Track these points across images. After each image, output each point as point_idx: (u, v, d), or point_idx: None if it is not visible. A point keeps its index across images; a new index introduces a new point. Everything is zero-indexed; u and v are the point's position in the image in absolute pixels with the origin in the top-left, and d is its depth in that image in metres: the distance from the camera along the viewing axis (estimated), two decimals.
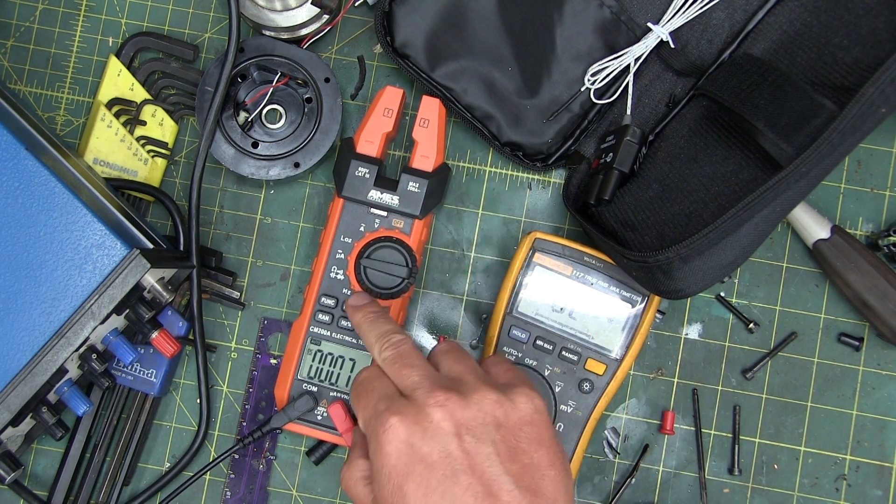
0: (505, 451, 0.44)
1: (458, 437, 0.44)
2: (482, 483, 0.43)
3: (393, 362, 0.48)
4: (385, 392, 0.47)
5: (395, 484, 0.44)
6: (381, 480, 0.45)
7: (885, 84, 0.48)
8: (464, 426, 0.44)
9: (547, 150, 0.60)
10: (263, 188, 0.62)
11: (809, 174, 0.49)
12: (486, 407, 0.45)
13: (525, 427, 0.46)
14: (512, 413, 0.46)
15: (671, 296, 0.52)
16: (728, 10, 0.58)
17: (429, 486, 0.43)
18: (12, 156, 0.50)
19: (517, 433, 0.45)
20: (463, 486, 0.43)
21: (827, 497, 0.59)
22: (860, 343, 0.60)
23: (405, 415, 0.45)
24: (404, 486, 0.43)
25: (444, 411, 0.44)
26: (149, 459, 0.61)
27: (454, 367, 0.48)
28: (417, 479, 0.43)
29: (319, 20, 0.60)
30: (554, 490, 0.44)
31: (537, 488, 0.44)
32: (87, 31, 0.63)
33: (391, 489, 0.44)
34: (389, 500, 0.44)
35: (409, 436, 0.44)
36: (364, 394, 0.48)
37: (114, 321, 0.53)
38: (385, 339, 0.50)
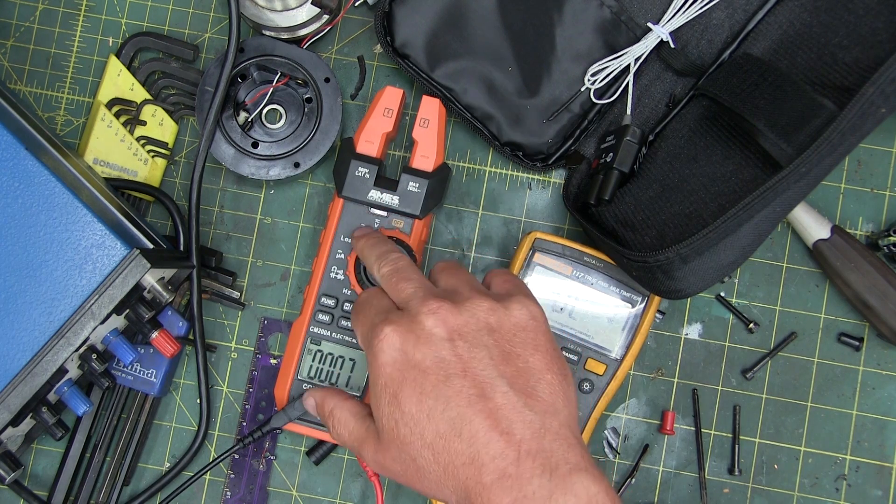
0: (499, 355, 0.44)
1: (451, 343, 0.44)
2: (475, 385, 0.43)
3: (390, 277, 0.49)
4: (382, 307, 0.47)
5: (391, 393, 0.44)
6: (378, 392, 0.45)
7: (885, 84, 0.48)
8: (456, 332, 0.44)
9: (547, 150, 0.60)
10: (263, 188, 0.62)
11: (809, 174, 0.49)
12: (480, 314, 0.45)
13: (520, 332, 0.45)
14: (506, 319, 0.45)
15: (671, 296, 0.52)
16: (728, 10, 0.58)
17: (423, 390, 0.43)
18: (12, 156, 0.50)
19: (511, 338, 0.45)
20: (455, 389, 0.43)
21: (827, 497, 0.59)
22: (860, 343, 0.60)
23: (399, 324, 0.45)
24: (399, 393, 0.44)
25: (436, 318, 0.44)
26: (149, 459, 0.61)
27: (450, 280, 0.48)
28: (411, 385, 0.43)
29: (319, 20, 0.60)
30: (551, 393, 0.44)
31: (532, 391, 0.43)
32: (87, 31, 0.63)
33: (387, 399, 0.44)
34: (386, 411, 0.44)
35: (402, 343, 0.44)
36: (362, 311, 0.48)
37: (114, 321, 0.53)
38: (384, 257, 0.50)
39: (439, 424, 0.42)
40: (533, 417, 0.42)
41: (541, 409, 0.43)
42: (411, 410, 0.43)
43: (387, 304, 0.48)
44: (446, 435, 0.42)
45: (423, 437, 0.43)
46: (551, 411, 0.43)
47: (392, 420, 0.44)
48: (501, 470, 0.41)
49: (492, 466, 0.41)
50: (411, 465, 0.44)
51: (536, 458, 0.41)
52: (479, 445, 0.41)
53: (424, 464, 0.43)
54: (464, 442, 0.42)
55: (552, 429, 0.42)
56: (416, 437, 0.43)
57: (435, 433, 0.43)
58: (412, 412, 0.43)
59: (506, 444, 0.41)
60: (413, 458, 0.44)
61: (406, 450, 0.44)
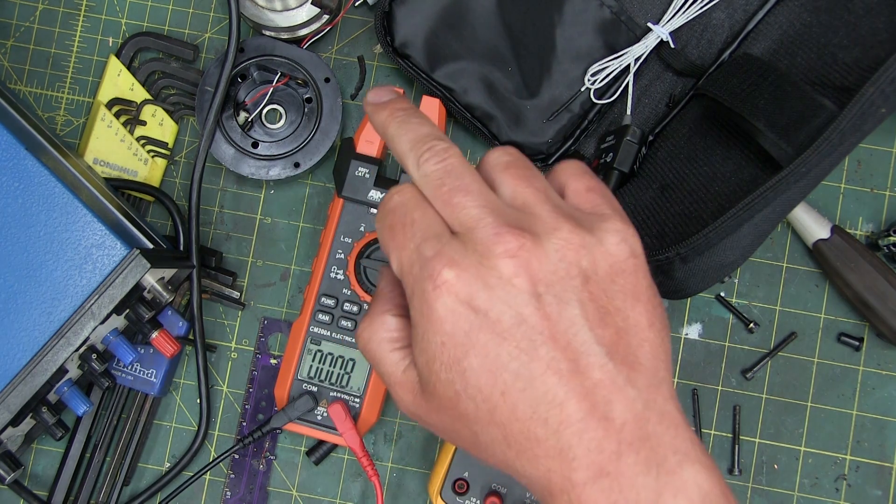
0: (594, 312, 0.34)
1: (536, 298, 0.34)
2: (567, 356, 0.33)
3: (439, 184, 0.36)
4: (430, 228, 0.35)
5: (452, 357, 0.34)
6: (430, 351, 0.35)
7: (885, 84, 0.48)
8: (542, 282, 0.34)
9: (547, 150, 0.60)
10: (263, 188, 0.62)
11: (809, 174, 0.49)
12: (570, 254, 0.34)
13: (618, 277, 0.35)
14: (602, 259, 0.35)
15: (671, 296, 0.52)
16: (728, 10, 0.58)
17: (498, 361, 0.33)
18: (12, 156, 0.50)
19: (609, 287, 0.35)
20: (543, 362, 0.33)
21: (827, 497, 0.59)
22: (860, 343, 0.60)
23: (463, 266, 0.34)
24: (464, 360, 0.34)
25: (516, 263, 0.33)
26: (149, 459, 0.61)
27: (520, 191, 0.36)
28: (482, 353, 0.34)
29: (319, 20, 0.60)
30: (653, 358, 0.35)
31: (635, 359, 0.34)
32: (87, 31, 0.63)
33: (445, 362, 0.34)
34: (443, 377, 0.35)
35: (470, 295, 0.33)
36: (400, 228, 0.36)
37: (114, 321, 0.52)
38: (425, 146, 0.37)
39: (518, 405, 0.33)
40: (636, 395, 0.34)
41: (644, 382, 0.34)
42: (479, 384, 0.34)
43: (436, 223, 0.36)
44: (526, 419, 0.33)
45: (493, 416, 0.34)
46: (654, 383, 0.35)
47: (451, 390, 0.35)
48: (598, 466, 0.33)
49: (586, 461, 0.33)
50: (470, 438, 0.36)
51: (641, 449, 0.33)
52: (571, 435, 0.33)
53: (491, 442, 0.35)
54: (549, 429, 0.33)
55: (657, 407, 0.34)
56: (482, 414, 0.34)
57: (511, 414, 0.34)
58: (480, 386, 0.34)
59: (604, 434, 0.33)
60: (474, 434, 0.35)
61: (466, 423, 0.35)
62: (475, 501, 0.55)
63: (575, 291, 0.34)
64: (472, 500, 0.55)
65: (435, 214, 0.36)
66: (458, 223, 0.35)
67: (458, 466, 0.55)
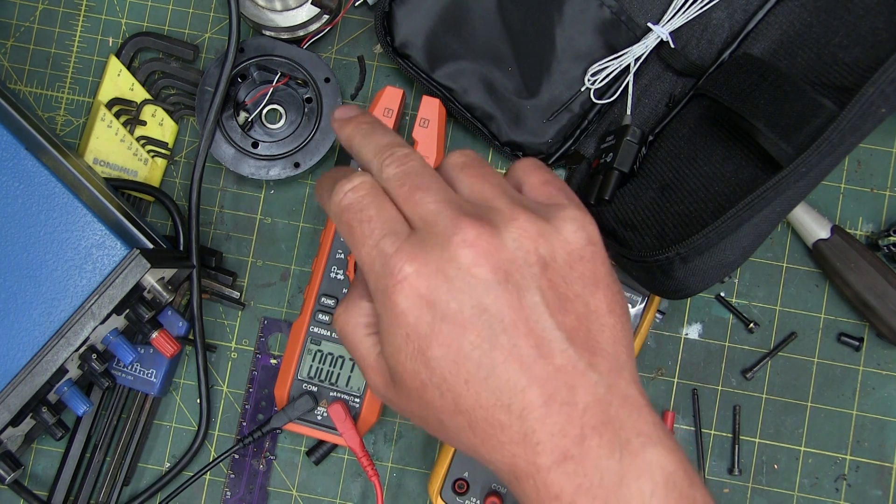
0: (554, 299, 0.35)
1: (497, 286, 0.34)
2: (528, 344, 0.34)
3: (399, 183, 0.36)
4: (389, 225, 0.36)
5: (416, 347, 0.35)
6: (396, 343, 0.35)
7: (885, 84, 0.48)
8: (502, 270, 0.34)
9: (547, 150, 0.60)
10: (263, 188, 0.62)
11: (809, 174, 0.49)
12: (528, 243, 0.35)
13: (577, 265, 0.36)
14: (560, 247, 0.36)
15: (671, 296, 0.52)
16: (728, 10, 0.58)
17: (460, 351, 0.34)
18: (12, 156, 0.50)
19: (568, 273, 0.36)
20: (505, 350, 0.34)
21: (827, 497, 0.59)
22: (860, 343, 0.60)
23: (423, 261, 0.34)
24: (427, 351, 0.34)
25: (475, 252, 0.34)
26: (149, 459, 0.61)
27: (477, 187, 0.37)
28: (445, 342, 0.34)
29: (319, 20, 0.60)
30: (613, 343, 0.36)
31: (596, 344, 0.35)
32: (87, 31, 0.63)
33: (410, 353, 0.35)
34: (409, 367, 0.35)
35: (430, 288, 0.34)
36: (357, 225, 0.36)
37: (114, 321, 0.52)
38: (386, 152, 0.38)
39: (481, 393, 0.34)
40: (597, 379, 0.34)
41: (605, 366, 0.35)
42: (443, 373, 0.34)
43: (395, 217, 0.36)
44: (489, 406, 0.34)
45: (457, 404, 0.35)
46: (616, 367, 0.35)
47: (417, 380, 0.35)
48: (562, 450, 0.33)
49: (550, 445, 0.33)
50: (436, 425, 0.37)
51: (604, 433, 0.34)
52: (533, 420, 0.34)
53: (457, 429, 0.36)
54: (513, 415, 0.34)
55: (619, 391, 0.35)
56: (447, 402, 0.35)
57: (475, 402, 0.34)
58: (445, 376, 0.34)
59: (567, 419, 0.34)
60: (440, 421, 0.36)
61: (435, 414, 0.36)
62: (475, 501, 0.55)
63: (534, 279, 0.35)
64: (472, 500, 0.55)
65: (392, 209, 0.37)
66: (419, 218, 0.36)
67: (458, 466, 0.55)
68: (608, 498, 0.33)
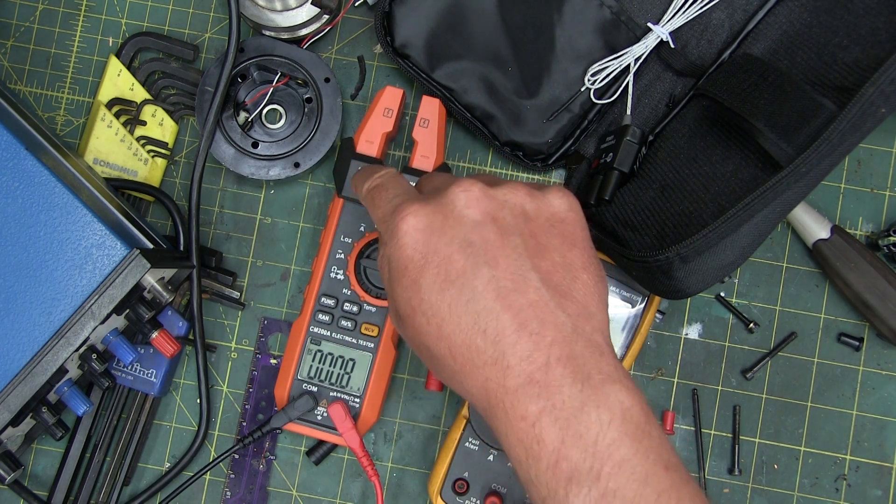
0: (534, 246, 0.40)
1: (483, 226, 0.39)
2: (506, 277, 0.38)
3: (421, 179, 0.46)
4: (404, 190, 0.43)
5: (411, 278, 0.39)
6: (395, 275, 0.40)
7: (885, 84, 0.48)
8: (490, 215, 0.40)
9: (547, 150, 0.60)
10: (263, 188, 0.62)
11: (809, 174, 0.49)
12: (516, 198, 0.41)
13: (558, 224, 0.41)
14: (543, 207, 0.41)
15: (671, 296, 0.52)
16: (728, 10, 0.58)
17: (447, 277, 0.39)
18: (12, 156, 0.50)
19: (549, 229, 0.41)
20: (484, 280, 0.38)
21: (827, 497, 0.59)
22: (860, 343, 0.60)
23: (425, 203, 0.40)
24: (420, 278, 0.39)
25: (468, 196, 0.40)
26: (149, 459, 0.61)
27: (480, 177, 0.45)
28: (434, 270, 0.39)
29: (319, 20, 0.60)
30: (584, 294, 0.40)
31: (567, 290, 0.39)
32: (87, 31, 0.63)
33: (406, 283, 0.40)
34: (403, 296, 0.40)
35: (428, 222, 0.40)
36: (379, 192, 0.44)
37: (114, 321, 0.53)
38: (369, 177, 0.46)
39: (462, 317, 0.38)
40: (565, 320, 0.38)
41: (574, 310, 0.39)
42: (431, 299, 0.39)
43: (409, 188, 0.43)
44: (468, 329, 0.38)
45: (440, 328, 0.39)
46: (584, 314, 0.39)
47: (409, 307, 0.40)
48: (529, 374, 0.37)
49: (518, 370, 0.37)
50: (426, 353, 0.41)
51: (568, 364, 0.37)
52: (506, 345, 0.37)
53: (440, 356, 0.39)
54: (488, 339, 0.38)
55: (584, 333, 0.38)
56: (433, 327, 0.39)
57: (455, 326, 0.38)
58: (432, 301, 0.39)
59: (534, 347, 0.37)
60: (428, 348, 0.40)
61: (422, 338, 0.40)
62: (475, 501, 0.55)
63: (517, 226, 0.40)
64: (472, 500, 0.55)
65: (408, 185, 0.44)
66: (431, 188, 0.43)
67: (458, 466, 0.55)
68: (569, 421, 0.36)
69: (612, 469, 0.36)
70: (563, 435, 0.36)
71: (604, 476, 0.36)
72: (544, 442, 0.37)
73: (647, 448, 0.37)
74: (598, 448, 0.36)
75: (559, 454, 0.36)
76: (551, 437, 0.36)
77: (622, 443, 0.36)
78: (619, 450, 0.36)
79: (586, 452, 0.36)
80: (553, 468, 0.36)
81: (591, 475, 0.36)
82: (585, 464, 0.36)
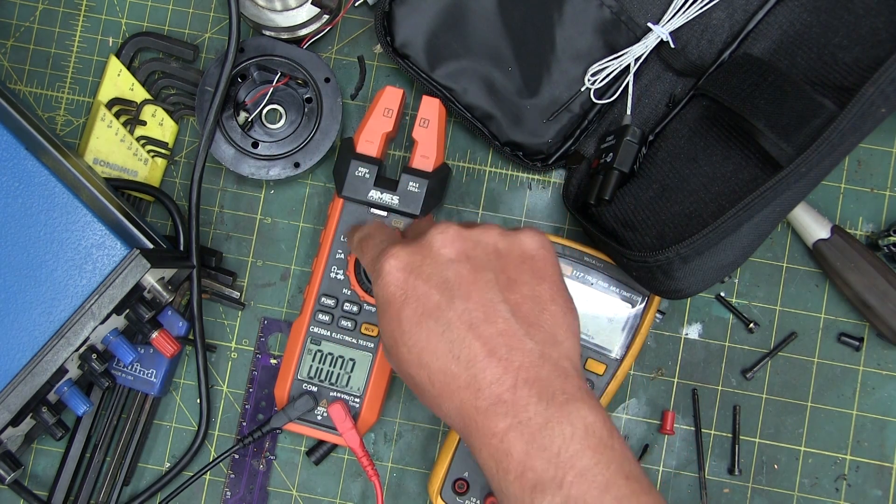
0: (505, 280, 0.44)
1: (458, 263, 0.43)
2: (478, 309, 0.42)
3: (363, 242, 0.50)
4: (390, 236, 0.48)
5: (393, 312, 0.43)
6: (381, 309, 0.44)
7: (885, 84, 0.48)
8: (464, 253, 0.44)
9: (547, 150, 0.60)
10: (263, 188, 0.62)
11: (809, 174, 0.49)
12: (489, 238, 0.45)
13: (528, 260, 0.45)
14: (515, 246, 0.45)
15: (671, 296, 0.52)
16: (728, 10, 0.58)
17: (424, 311, 0.43)
18: (12, 156, 0.50)
19: (519, 265, 0.45)
20: (458, 312, 0.42)
21: (827, 497, 0.59)
22: (860, 343, 0.60)
23: (405, 245, 0.45)
24: (401, 313, 0.43)
25: (444, 237, 0.44)
26: (149, 459, 0.61)
27: None
28: (413, 305, 0.43)
29: (319, 20, 0.60)
30: (553, 324, 0.43)
31: (535, 320, 0.43)
32: (87, 31, 0.63)
33: (390, 317, 0.44)
34: (388, 328, 0.44)
35: (409, 262, 0.44)
36: (368, 240, 0.49)
37: (114, 321, 0.53)
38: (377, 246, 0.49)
39: (438, 346, 0.42)
40: (533, 346, 0.42)
41: (541, 338, 0.42)
42: (411, 331, 0.43)
43: (395, 235, 0.49)
44: (444, 357, 0.42)
45: (420, 358, 0.42)
46: (552, 342, 0.43)
47: (392, 338, 0.44)
48: (497, 395, 0.40)
49: (488, 392, 0.41)
50: (410, 381, 0.44)
51: (533, 386, 0.40)
52: (477, 370, 0.41)
53: (421, 383, 0.43)
54: (461, 365, 0.41)
55: (551, 359, 0.42)
56: (413, 356, 0.43)
57: (433, 355, 0.42)
58: (411, 332, 0.43)
59: (503, 371, 0.41)
60: (411, 376, 0.43)
61: (404, 366, 0.44)
62: (475, 501, 0.55)
63: (490, 263, 0.44)
64: (472, 500, 0.55)
65: (392, 232, 0.50)
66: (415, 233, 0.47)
67: (458, 466, 0.55)
68: (534, 435, 0.39)
69: (574, 478, 0.38)
70: (529, 448, 0.39)
71: (566, 484, 0.38)
72: (511, 455, 0.40)
73: (609, 459, 0.39)
74: (560, 459, 0.39)
75: (525, 465, 0.39)
76: (518, 449, 0.39)
77: (584, 454, 0.39)
78: (580, 460, 0.39)
79: (550, 463, 0.39)
80: (520, 479, 0.39)
81: (555, 483, 0.39)
82: (549, 473, 0.39)
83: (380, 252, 0.46)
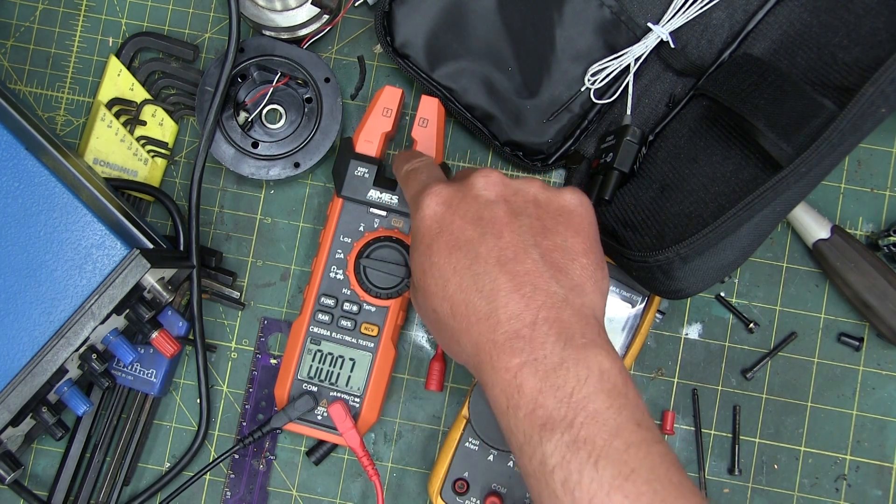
0: (539, 227, 0.44)
1: (495, 205, 0.44)
2: (508, 247, 0.43)
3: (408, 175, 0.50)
4: (436, 174, 0.49)
5: (426, 243, 0.44)
6: (415, 242, 0.46)
7: (885, 84, 0.48)
8: (503, 197, 0.45)
9: (547, 150, 0.60)
10: (263, 188, 0.62)
11: (809, 174, 0.49)
12: (530, 188, 0.46)
13: (565, 213, 0.45)
14: (555, 199, 0.46)
15: (671, 296, 0.52)
16: (728, 10, 0.58)
17: (455, 244, 0.43)
18: (12, 156, 0.50)
19: (556, 216, 0.45)
20: (488, 247, 0.43)
21: (827, 497, 0.59)
22: (860, 343, 0.60)
23: (449, 185, 0.46)
24: (433, 244, 0.44)
25: (487, 181, 0.45)
26: (149, 459, 0.61)
27: None
28: (446, 238, 0.44)
29: (319, 20, 0.60)
30: (581, 275, 0.43)
31: (564, 267, 0.43)
32: (87, 31, 0.63)
33: (422, 248, 0.45)
34: (418, 261, 0.45)
35: (449, 199, 0.45)
36: (415, 174, 0.49)
37: (114, 321, 0.53)
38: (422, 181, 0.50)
39: (463, 278, 0.43)
40: (558, 290, 0.42)
41: (568, 284, 0.42)
42: (440, 261, 0.43)
43: (440, 173, 0.49)
44: (468, 289, 0.42)
45: (445, 288, 0.43)
46: (578, 290, 0.43)
47: (421, 269, 0.45)
48: (515, 331, 0.41)
49: (507, 326, 0.41)
50: (431, 315, 0.45)
51: (553, 325, 0.40)
52: (498, 303, 0.41)
53: (443, 316, 0.43)
54: (483, 298, 0.42)
55: (574, 305, 0.42)
56: (438, 288, 0.43)
57: (457, 286, 0.43)
58: (440, 263, 0.43)
59: (525, 307, 0.41)
60: (433, 310, 0.44)
61: (429, 300, 0.44)
62: (475, 501, 0.55)
63: (526, 209, 0.45)
64: (472, 500, 0.55)
65: (440, 172, 0.49)
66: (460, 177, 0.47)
67: (458, 466, 0.55)
68: (548, 374, 0.39)
69: (584, 419, 0.38)
70: (542, 385, 0.39)
71: (576, 424, 0.38)
72: (524, 391, 0.39)
73: (622, 405, 0.39)
74: (573, 399, 0.39)
75: (536, 402, 0.39)
76: (530, 386, 0.39)
77: (597, 397, 0.39)
78: (592, 403, 0.39)
79: (561, 402, 0.39)
80: (530, 415, 0.39)
81: (564, 422, 0.38)
82: (560, 412, 0.39)
83: (424, 186, 0.46)
